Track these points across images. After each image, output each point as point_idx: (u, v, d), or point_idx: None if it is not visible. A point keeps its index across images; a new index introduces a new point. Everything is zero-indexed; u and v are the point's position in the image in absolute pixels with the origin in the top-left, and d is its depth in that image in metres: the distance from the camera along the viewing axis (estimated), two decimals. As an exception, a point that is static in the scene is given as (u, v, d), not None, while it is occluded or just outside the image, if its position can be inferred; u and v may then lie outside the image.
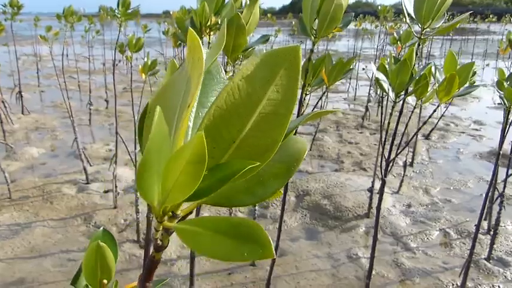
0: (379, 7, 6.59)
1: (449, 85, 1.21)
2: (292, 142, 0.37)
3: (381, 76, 1.35)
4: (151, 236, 0.33)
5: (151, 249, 0.35)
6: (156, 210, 0.32)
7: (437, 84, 1.29)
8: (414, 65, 1.32)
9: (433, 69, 1.34)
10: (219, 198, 0.34)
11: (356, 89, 7.48)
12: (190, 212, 0.35)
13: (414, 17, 1.16)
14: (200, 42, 0.30)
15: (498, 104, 6.87)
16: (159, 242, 0.34)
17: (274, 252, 0.29)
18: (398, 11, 9.95)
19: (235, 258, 0.30)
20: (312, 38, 1.19)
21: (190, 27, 1.25)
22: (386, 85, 1.35)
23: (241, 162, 0.30)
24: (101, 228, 0.60)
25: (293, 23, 12.51)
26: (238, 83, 0.30)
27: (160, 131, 0.28)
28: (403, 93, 1.39)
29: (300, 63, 0.30)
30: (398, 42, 3.40)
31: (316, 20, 1.16)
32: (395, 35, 3.56)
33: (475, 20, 16.88)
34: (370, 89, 6.07)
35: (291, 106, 0.30)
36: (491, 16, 17.70)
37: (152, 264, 0.36)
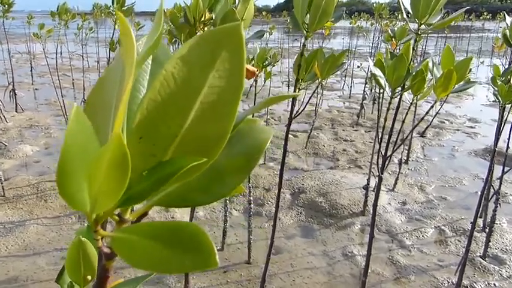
0: (374, 5, 6.59)
1: (447, 81, 1.20)
2: (255, 132, 0.33)
3: (378, 72, 1.34)
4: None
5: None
6: (89, 217, 0.29)
7: (434, 80, 1.28)
8: (411, 61, 1.32)
9: (430, 64, 1.33)
10: (170, 198, 0.31)
11: (351, 86, 7.48)
12: (145, 214, 0.32)
13: (411, 12, 1.16)
14: (130, 27, 0.26)
15: (493, 101, 6.89)
16: (106, 250, 0.30)
17: (217, 260, 0.26)
18: (393, 9, 9.95)
19: (175, 270, 0.27)
20: (304, 32, 1.18)
21: (183, 22, 1.24)
22: (383, 81, 1.35)
23: (183, 160, 0.28)
24: (86, 224, 0.59)
25: (288, 20, 12.50)
26: (172, 71, 0.27)
27: (78, 129, 0.25)
28: (399, 89, 1.38)
29: (243, 44, 0.27)
30: (393, 39, 3.39)
31: (308, 15, 1.15)
32: (389, 32, 3.56)
33: (469, 17, 16.92)
34: (365, 87, 6.07)
35: (237, 92, 0.27)
36: (485, 14, 17.74)
37: (104, 273, 0.32)
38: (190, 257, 0.26)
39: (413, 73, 1.33)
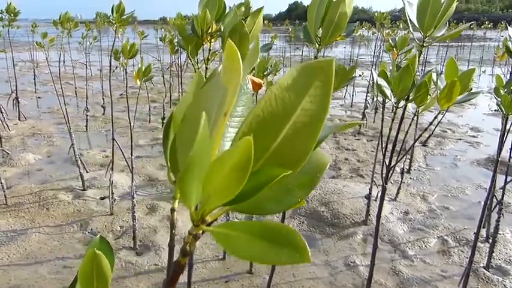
0: (376, 14, 6.60)
1: (450, 92, 1.20)
2: (315, 154, 0.38)
3: (383, 82, 1.34)
4: (184, 240, 0.35)
5: (176, 255, 0.36)
6: (194, 214, 0.34)
7: (438, 91, 1.28)
8: (416, 72, 1.32)
9: (434, 76, 1.33)
10: (247, 205, 0.35)
11: (353, 95, 7.48)
12: (216, 219, 0.36)
13: (417, 24, 1.16)
14: (239, 53, 0.31)
15: (495, 110, 6.89)
16: (187, 247, 0.35)
17: (310, 257, 0.30)
18: (394, 18, 9.98)
19: (272, 261, 0.31)
20: (316, 45, 1.19)
21: (190, 34, 1.24)
22: (388, 91, 1.35)
23: (275, 170, 0.31)
24: (98, 235, 0.59)
25: (289, 29, 12.52)
26: (275, 93, 0.32)
27: (204, 138, 0.29)
28: (403, 99, 1.38)
29: (332, 76, 0.32)
30: (394, 49, 3.40)
31: (321, 29, 1.16)
32: (390, 41, 3.56)
33: (471, 26, 16.92)
34: (367, 96, 6.07)
35: (323, 116, 0.32)
36: (487, 23, 17.77)
37: (178, 269, 0.37)
38: (287, 252, 0.31)
39: (418, 84, 1.33)
